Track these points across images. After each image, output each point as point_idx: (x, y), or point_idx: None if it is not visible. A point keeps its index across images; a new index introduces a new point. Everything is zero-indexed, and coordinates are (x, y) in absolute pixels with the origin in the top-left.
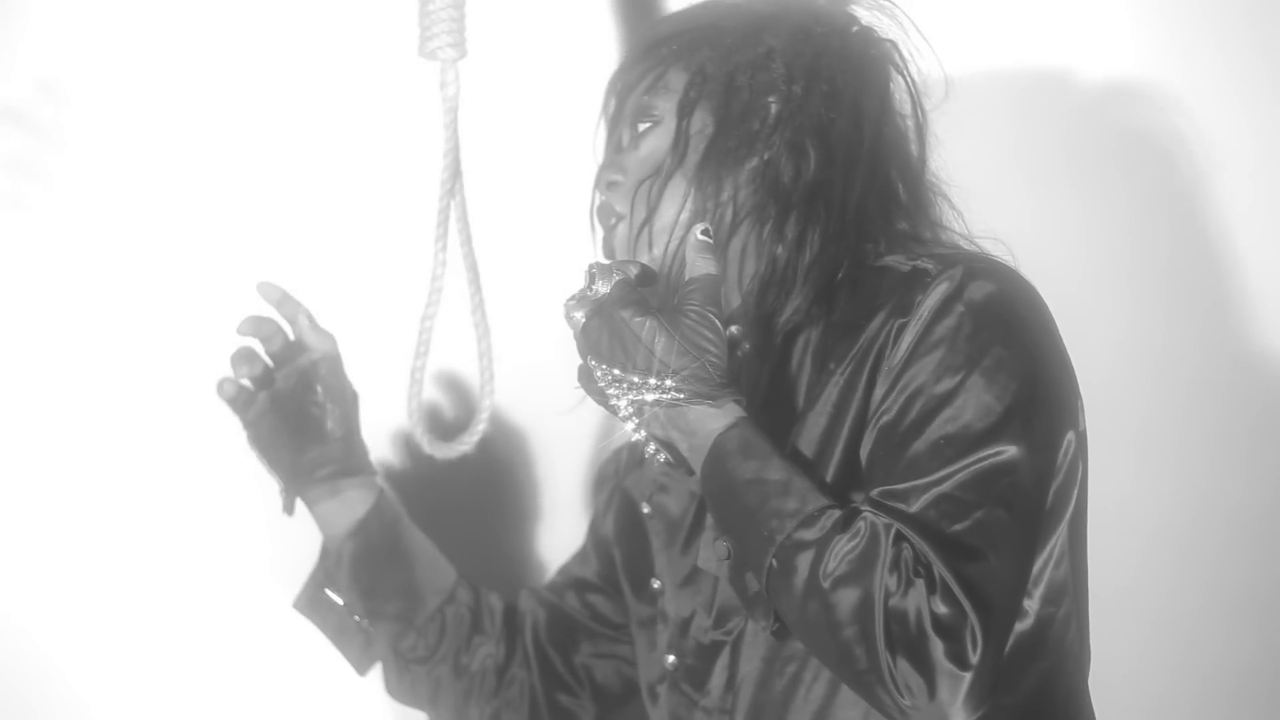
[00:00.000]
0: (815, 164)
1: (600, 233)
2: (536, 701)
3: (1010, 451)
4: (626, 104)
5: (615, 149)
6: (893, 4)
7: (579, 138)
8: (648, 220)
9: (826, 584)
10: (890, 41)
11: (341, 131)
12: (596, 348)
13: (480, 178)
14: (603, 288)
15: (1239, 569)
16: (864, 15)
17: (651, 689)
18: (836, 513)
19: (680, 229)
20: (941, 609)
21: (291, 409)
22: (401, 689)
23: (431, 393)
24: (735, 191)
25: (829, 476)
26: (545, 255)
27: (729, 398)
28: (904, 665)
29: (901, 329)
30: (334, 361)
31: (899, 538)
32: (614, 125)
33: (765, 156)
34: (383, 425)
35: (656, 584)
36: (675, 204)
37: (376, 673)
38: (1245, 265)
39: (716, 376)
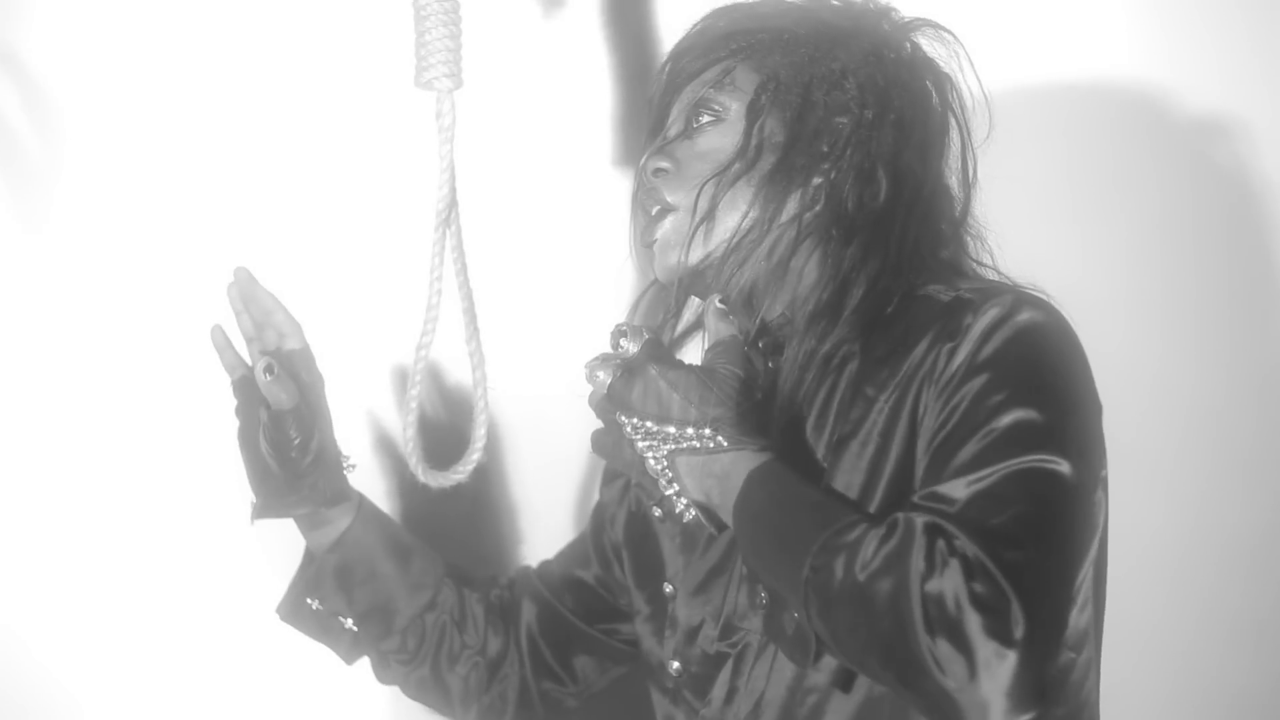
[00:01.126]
0: (884, 193)
1: (631, 218)
2: (527, 689)
3: (1055, 463)
4: (683, 91)
5: (657, 132)
6: (955, 39)
7: (574, 168)
8: (708, 218)
9: (863, 578)
10: (949, 76)
11: (337, 160)
12: (626, 403)
13: (476, 207)
14: (632, 346)
15: (1233, 593)
16: (923, 44)
17: (655, 687)
18: (869, 520)
19: (740, 234)
20: (980, 588)
21: (265, 450)
22: (388, 680)
23: (426, 422)
24: (801, 210)
25: (876, 503)
26: (540, 285)
27: (763, 444)
28: (943, 645)
29: (951, 352)
30: (299, 412)
31: (935, 529)
32: (662, 108)
33: (832, 177)
34: (377, 454)
35: (669, 589)
36: (739, 210)
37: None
38: (1245, 290)
39: (750, 427)
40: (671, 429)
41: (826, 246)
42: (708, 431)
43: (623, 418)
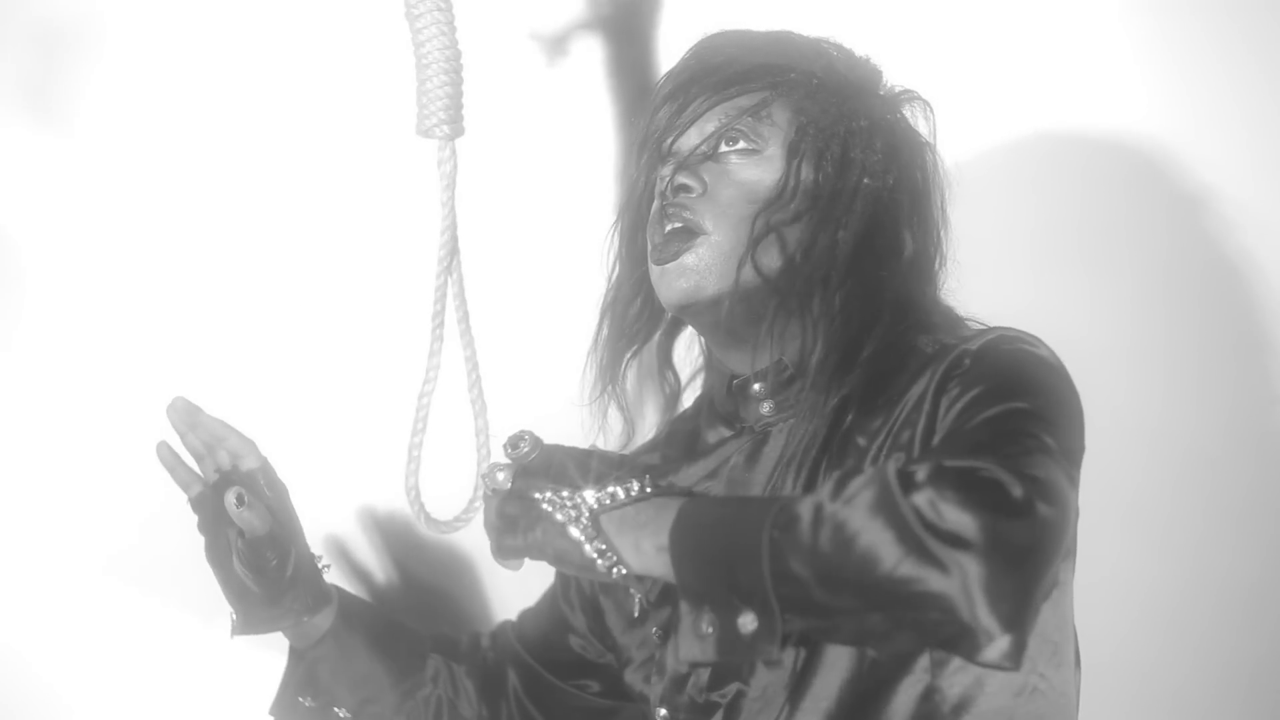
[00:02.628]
0: (906, 255)
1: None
2: None
3: (1043, 439)
4: (711, 112)
5: (658, 142)
6: (931, 112)
7: (576, 215)
8: (755, 247)
9: (837, 504)
10: (930, 145)
11: (339, 209)
12: (539, 485)
13: (477, 255)
14: (525, 447)
15: (1227, 642)
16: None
17: None
18: None
19: (779, 275)
20: (973, 479)
21: (241, 571)
22: None
23: (428, 470)
24: (829, 262)
25: None
26: (542, 332)
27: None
28: (936, 529)
29: (942, 389)
30: (273, 534)
31: (909, 466)
32: (674, 121)
33: (858, 233)
34: (380, 503)
35: (657, 631)
36: (784, 252)
37: None
38: (1241, 340)
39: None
40: (589, 491)
41: (848, 301)
42: (632, 484)
43: (535, 494)
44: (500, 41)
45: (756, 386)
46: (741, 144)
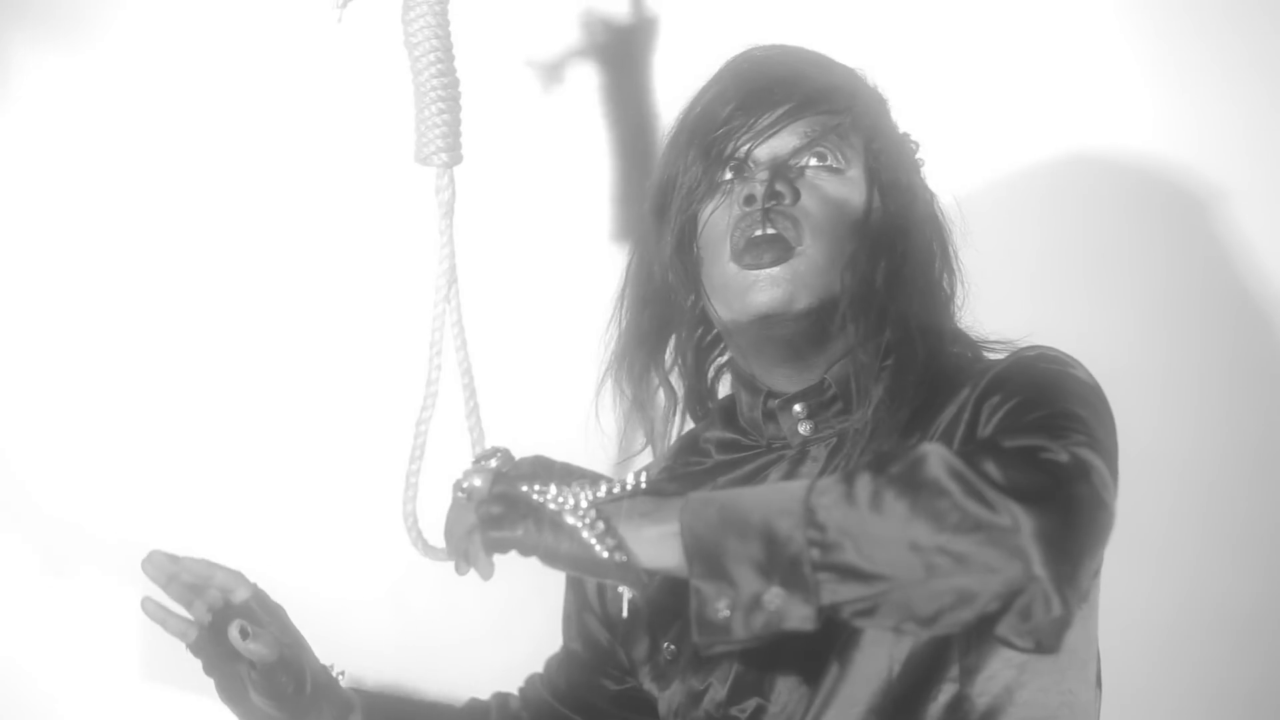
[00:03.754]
0: (950, 282)
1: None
2: None
3: (1091, 442)
4: (796, 122)
5: (723, 138)
6: (918, 145)
7: (574, 243)
8: (863, 261)
9: (884, 476)
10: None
11: (337, 237)
12: (524, 482)
13: (475, 282)
14: (497, 461)
15: (1223, 663)
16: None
17: None
18: None
19: (864, 296)
20: (1033, 454)
21: (260, 702)
22: None
23: (426, 497)
24: (916, 284)
25: None
26: (541, 360)
27: None
28: (999, 485)
29: (984, 398)
30: (283, 658)
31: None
32: (755, 124)
33: (925, 258)
34: (377, 530)
35: (671, 648)
36: (877, 269)
37: None
38: (1241, 363)
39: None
40: (582, 485)
41: (920, 323)
42: (626, 481)
43: (523, 487)
44: (498, 69)
45: (798, 407)
46: (830, 160)
